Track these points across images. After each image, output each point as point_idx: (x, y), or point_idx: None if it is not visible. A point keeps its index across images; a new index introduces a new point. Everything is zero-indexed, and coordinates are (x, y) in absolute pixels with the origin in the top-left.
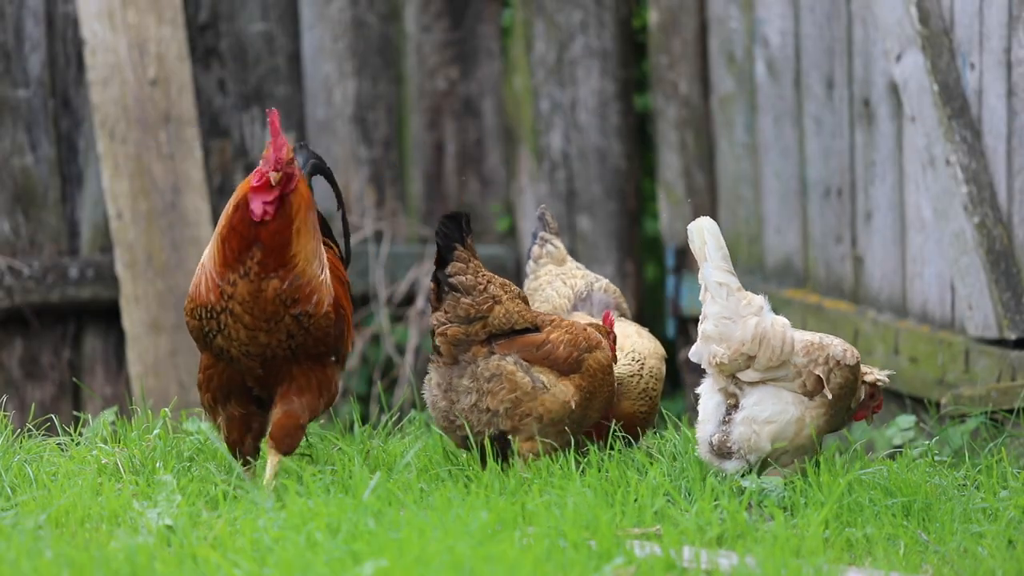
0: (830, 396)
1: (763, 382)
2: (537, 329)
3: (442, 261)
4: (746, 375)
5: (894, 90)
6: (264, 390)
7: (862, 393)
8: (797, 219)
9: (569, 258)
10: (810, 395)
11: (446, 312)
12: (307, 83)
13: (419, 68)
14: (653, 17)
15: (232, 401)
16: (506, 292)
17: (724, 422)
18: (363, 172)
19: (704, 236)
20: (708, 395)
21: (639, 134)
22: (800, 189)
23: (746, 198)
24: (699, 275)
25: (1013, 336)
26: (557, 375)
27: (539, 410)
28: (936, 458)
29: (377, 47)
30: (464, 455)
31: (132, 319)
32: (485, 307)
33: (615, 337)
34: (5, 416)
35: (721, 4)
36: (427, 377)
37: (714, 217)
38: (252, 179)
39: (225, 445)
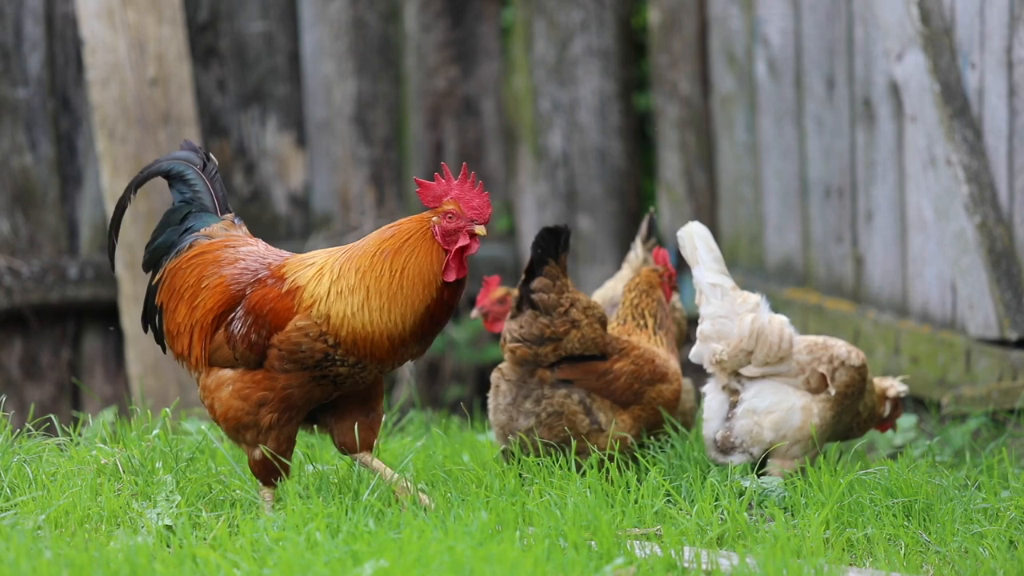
0: (834, 392)
1: (764, 377)
2: (605, 357)
3: (531, 273)
4: (747, 370)
5: (895, 90)
6: (331, 402)
7: (872, 400)
8: (798, 219)
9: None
10: (814, 392)
11: (520, 327)
12: (307, 83)
13: (419, 68)
14: (654, 16)
15: (296, 418)
16: (587, 316)
17: (727, 419)
18: (363, 172)
19: (694, 241)
20: (712, 395)
21: (639, 134)
22: (801, 189)
23: (747, 198)
24: (693, 279)
25: (1014, 336)
26: (615, 407)
27: (587, 449)
28: (937, 458)
29: (377, 47)
30: (466, 457)
31: (132, 319)
32: (561, 330)
33: (672, 275)
34: (4, 416)
35: (721, 3)
36: (494, 381)
37: (714, 217)
38: (457, 240)
39: (268, 469)
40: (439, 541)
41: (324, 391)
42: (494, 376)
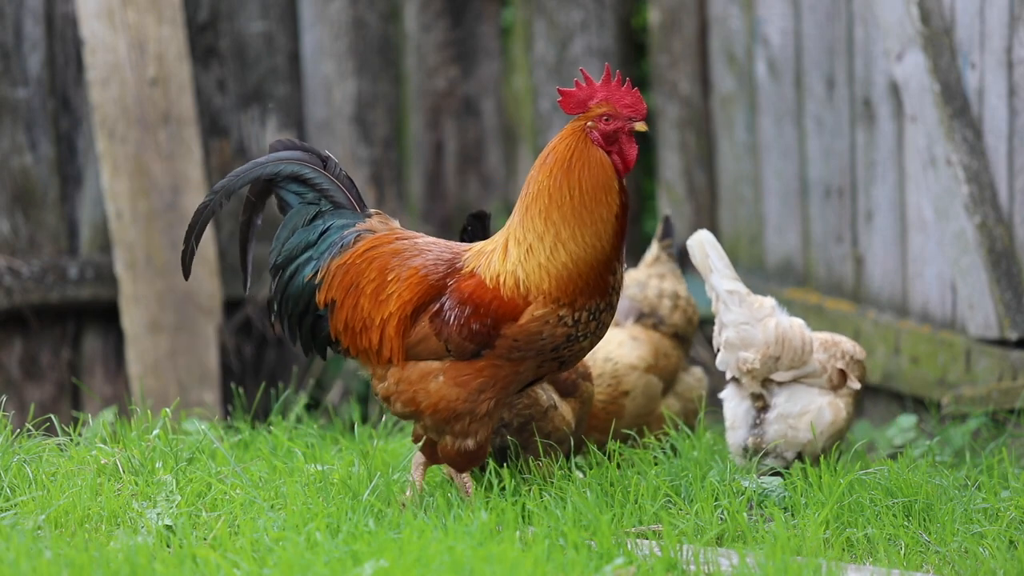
0: (858, 386)
1: (795, 381)
2: None
3: None
4: (779, 376)
5: (895, 90)
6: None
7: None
8: (798, 219)
9: (657, 264)
10: (835, 389)
11: None
12: (307, 83)
13: (419, 68)
14: (654, 16)
15: (506, 405)
16: None
17: (755, 425)
18: (363, 172)
19: (706, 249)
20: (735, 401)
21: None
22: (801, 189)
23: (747, 198)
24: (707, 287)
25: (1014, 336)
26: (559, 395)
27: (547, 428)
28: (937, 458)
29: (377, 47)
30: None
31: (132, 319)
32: None
33: None
34: (4, 416)
35: (721, 3)
36: None
37: (714, 217)
38: (619, 141)
39: (474, 458)
40: (439, 541)
41: (544, 371)
42: None
